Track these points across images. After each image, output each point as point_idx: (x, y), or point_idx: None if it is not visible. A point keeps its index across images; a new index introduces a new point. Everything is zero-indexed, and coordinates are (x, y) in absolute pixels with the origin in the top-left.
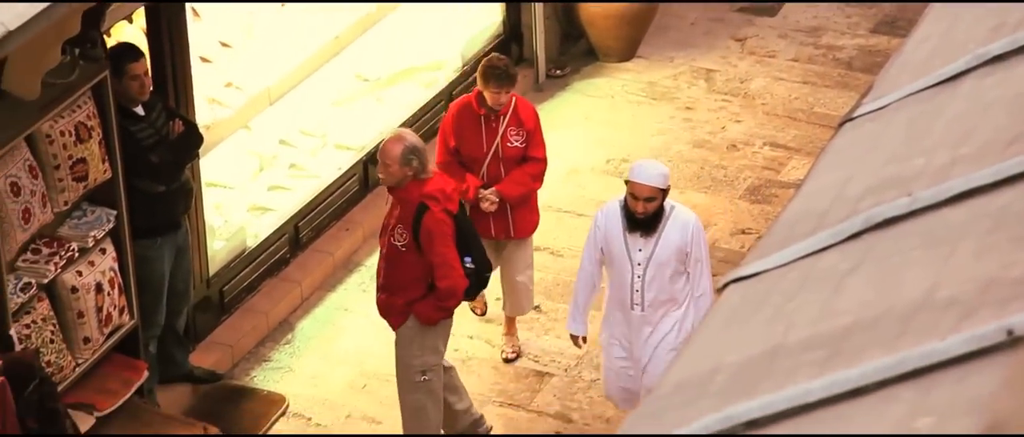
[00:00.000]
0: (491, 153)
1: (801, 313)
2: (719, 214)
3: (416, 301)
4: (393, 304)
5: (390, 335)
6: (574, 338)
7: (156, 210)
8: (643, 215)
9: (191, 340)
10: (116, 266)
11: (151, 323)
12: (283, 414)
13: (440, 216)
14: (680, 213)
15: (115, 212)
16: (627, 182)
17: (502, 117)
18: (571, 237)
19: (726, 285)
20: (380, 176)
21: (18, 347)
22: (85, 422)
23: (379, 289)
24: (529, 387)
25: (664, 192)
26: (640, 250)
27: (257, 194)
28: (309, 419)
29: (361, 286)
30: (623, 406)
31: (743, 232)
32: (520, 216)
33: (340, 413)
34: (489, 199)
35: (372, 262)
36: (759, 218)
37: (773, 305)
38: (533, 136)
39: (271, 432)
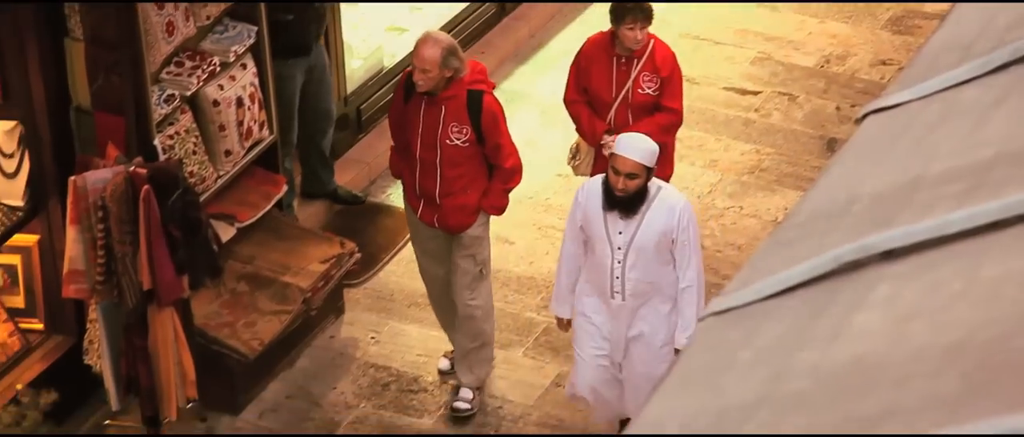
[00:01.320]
0: (620, 98)
1: (942, 145)
2: (860, 45)
3: (486, 193)
4: (465, 205)
5: (533, 156)
6: (559, 320)
7: (287, 34)
8: (623, 193)
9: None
10: (256, 81)
11: (284, 141)
12: None
13: (494, 96)
14: (667, 195)
15: (255, 28)
16: (610, 155)
17: (636, 60)
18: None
19: (866, 115)
20: (418, 82)
21: (162, 157)
22: (226, 232)
23: (442, 197)
24: None
25: (649, 170)
26: (620, 233)
27: (395, 14)
28: None
29: None
30: (596, 406)
31: (883, 63)
32: None
33: None
34: (610, 147)
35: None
36: (900, 49)
37: (913, 136)
38: (668, 84)
39: (405, 249)
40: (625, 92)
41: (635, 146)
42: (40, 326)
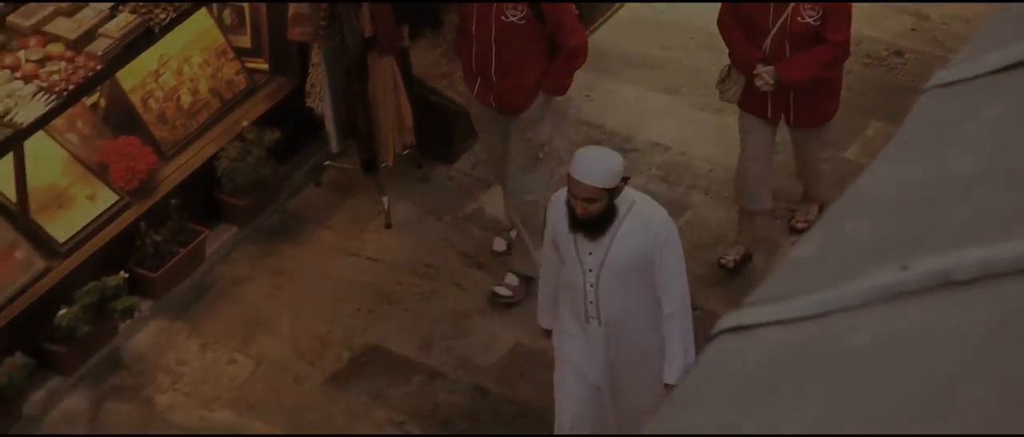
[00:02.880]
0: (778, 26)
1: None
2: None
3: (545, 74)
4: (521, 86)
5: None
6: (545, 331)
7: None
8: (584, 216)
9: None
10: None
11: None
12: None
13: None
14: (642, 210)
15: None
16: (568, 176)
17: None
18: None
19: None
20: None
21: None
22: None
23: (498, 76)
24: None
25: (610, 192)
26: (591, 253)
27: None
28: None
29: None
30: (577, 428)
31: None
32: (805, 103)
33: None
34: (763, 78)
35: None
36: None
37: None
38: (832, 15)
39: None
40: (784, 20)
41: (592, 169)
42: (265, 66)
